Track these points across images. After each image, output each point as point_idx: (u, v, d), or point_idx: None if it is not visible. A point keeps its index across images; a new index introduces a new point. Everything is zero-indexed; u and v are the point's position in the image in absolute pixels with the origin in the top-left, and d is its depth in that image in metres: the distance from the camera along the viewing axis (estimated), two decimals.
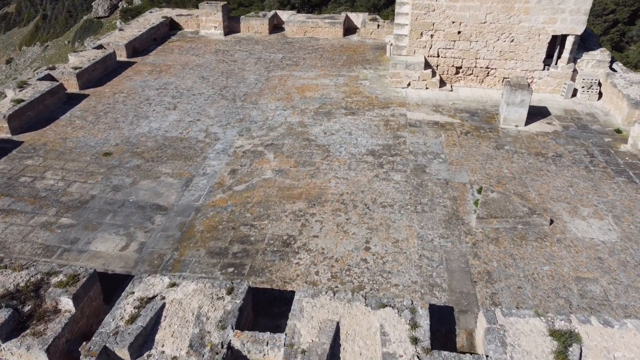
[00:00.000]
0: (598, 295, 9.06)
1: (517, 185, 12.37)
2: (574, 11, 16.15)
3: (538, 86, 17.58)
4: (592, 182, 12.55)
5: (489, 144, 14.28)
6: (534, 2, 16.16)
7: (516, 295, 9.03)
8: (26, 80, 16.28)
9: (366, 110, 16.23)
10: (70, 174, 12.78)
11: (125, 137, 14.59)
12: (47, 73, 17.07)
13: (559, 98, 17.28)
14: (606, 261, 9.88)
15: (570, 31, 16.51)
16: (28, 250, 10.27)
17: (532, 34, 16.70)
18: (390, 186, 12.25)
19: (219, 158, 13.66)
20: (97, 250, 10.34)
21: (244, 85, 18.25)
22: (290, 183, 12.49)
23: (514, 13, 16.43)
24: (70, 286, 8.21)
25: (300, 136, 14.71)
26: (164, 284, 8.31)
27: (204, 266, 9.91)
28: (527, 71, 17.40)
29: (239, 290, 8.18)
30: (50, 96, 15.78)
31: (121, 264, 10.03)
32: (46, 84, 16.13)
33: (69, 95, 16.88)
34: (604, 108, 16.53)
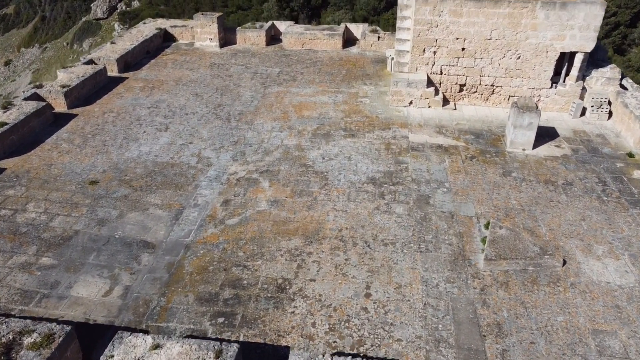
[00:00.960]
0: (618, 352, 8.37)
1: (526, 218, 11.68)
2: (583, 27, 15.44)
3: (545, 104, 16.88)
4: (605, 214, 11.86)
5: (496, 170, 13.58)
6: (541, 18, 15.45)
7: (529, 353, 8.34)
8: (11, 101, 15.57)
9: (366, 131, 15.53)
10: (53, 206, 12.08)
11: (114, 163, 13.89)
12: (34, 92, 16.36)
13: (567, 117, 16.58)
14: (624, 310, 9.20)
15: (579, 48, 15.81)
16: (4, 296, 9.58)
17: (539, 50, 15.99)
18: (392, 220, 11.55)
19: (212, 186, 12.96)
20: (79, 296, 9.64)
21: (239, 103, 17.54)
22: (286, 216, 11.79)
23: (520, 29, 15.72)
24: (45, 348, 7.53)
25: (297, 161, 14.01)
26: (146, 346, 7.61)
27: (193, 315, 9.22)
28: (533, 89, 16.69)
29: (228, 354, 7.49)
30: (35, 117, 15.08)
31: (104, 312, 9.33)
32: (32, 104, 15.42)
33: (56, 115, 16.17)
34: (614, 129, 15.83)
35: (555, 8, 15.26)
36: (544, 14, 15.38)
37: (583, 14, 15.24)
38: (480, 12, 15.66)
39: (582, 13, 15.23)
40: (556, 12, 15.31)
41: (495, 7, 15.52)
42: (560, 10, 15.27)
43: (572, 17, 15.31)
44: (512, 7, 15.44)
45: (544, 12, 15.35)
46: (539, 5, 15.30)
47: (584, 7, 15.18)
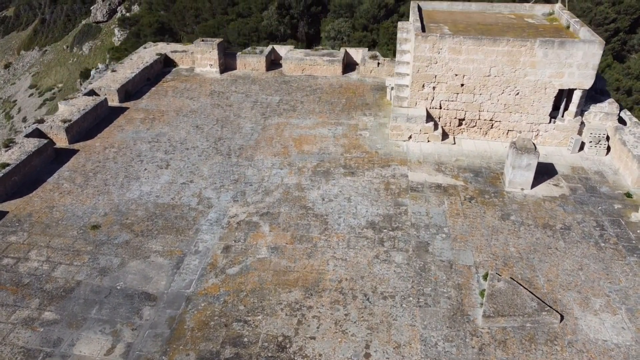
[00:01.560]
0: None
1: (524, 268, 11.78)
2: (581, 65, 15.53)
3: (544, 139, 16.98)
4: (603, 263, 11.96)
5: (494, 213, 13.68)
6: (540, 56, 15.54)
7: None
8: (12, 138, 15.65)
9: (366, 169, 15.63)
10: (55, 254, 12.18)
11: (115, 205, 13.99)
12: (36, 127, 16.46)
13: (566, 152, 16.68)
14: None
15: (577, 85, 15.90)
16: (7, 355, 9.68)
17: (538, 87, 16.08)
18: (391, 270, 11.65)
19: (212, 231, 13.06)
20: (81, 355, 9.74)
21: (240, 136, 17.64)
22: (286, 265, 11.89)
23: (519, 66, 15.81)
24: None
25: (297, 203, 14.11)
26: None
27: None
28: (532, 124, 16.79)
29: None
30: (37, 156, 15.19)
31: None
32: (33, 142, 15.52)
33: (58, 151, 16.27)
34: (612, 165, 15.93)
35: (553, 47, 15.36)
36: (542, 52, 15.47)
37: (581, 52, 15.33)
38: (479, 50, 15.75)
39: (581, 52, 15.32)
40: (555, 51, 15.40)
41: (494, 45, 15.60)
42: (559, 49, 15.36)
43: (570, 55, 15.41)
44: (510, 45, 15.53)
45: (543, 50, 15.45)
46: (538, 43, 15.38)
47: (582, 46, 15.27)
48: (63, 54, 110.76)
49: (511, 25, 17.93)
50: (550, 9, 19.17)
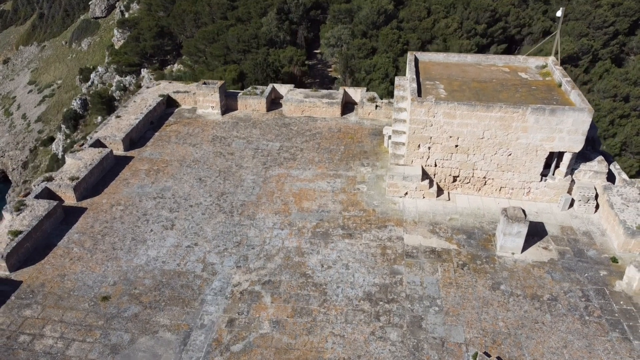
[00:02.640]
0: None
1: (511, 345, 12.48)
2: (571, 131, 16.12)
3: (535, 195, 17.61)
4: (586, 339, 12.66)
5: (485, 282, 14.35)
6: (531, 121, 16.12)
7: None
8: (23, 201, 16.26)
9: (363, 230, 16.27)
10: (69, 329, 12.86)
11: (123, 272, 14.64)
12: (45, 187, 17.06)
13: (556, 209, 17.32)
14: None
15: (567, 149, 16.51)
16: None
17: (529, 150, 16.69)
18: (386, 349, 12.34)
19: (217, 302, 13.74)
20: None
21: (241, 191, 18.26)
22: (287, 342, 12.58)
23: (511, 131, 16.40)
24: None
25: (297, 270, 14.77)
26: None
27: None
28: (524, 182, 17.41)
29: None
30: (47, 219, 15.81)
31: None
32: (43, 204, 16.14)
33: (66, 209, 16.88)
34: (600, 225, 16.57)
35: (544, 114, 15.93)
36: (534, 118, 16.05)
37: (571, 119, 15.91)
38: (472, 115, 16.32)
39: (571, 119, 15.91)
40: (546, 117, 15.99)
41: (487, 111, 16.18)
42: (550, 116, 15.94)
43: (560, 122, 15.99)
44: (503, 111, 16.10)
45: (534, 116, 16.03)
46: (529, 110, 15.96)
47: (572, 114, 15.85)
48: (62, 50, 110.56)
49: (505, 81, 18.46)
50: (543, 61, 19.69)
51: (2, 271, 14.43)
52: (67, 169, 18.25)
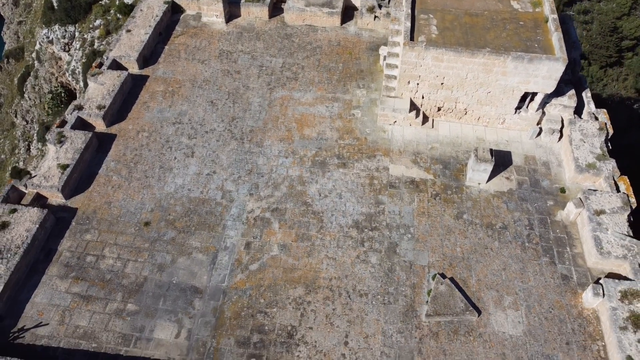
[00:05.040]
0: None
1: (463, 268, 16.32)
2: (546, 77, 17.86)
3: (509, 125, 19.98)
4: (522, 263, 16.45)
5: (452, 212, 17.69)
6: (511, 68, 17.77)
7: None
8: (62, 132, 18.76)
9: (355, 160, 19.09)
10: (123, 251, 16.62)
11: (157, 200, 17.93)
12: (77, 116, 19.40)
13: (525, 138, 19.84)
14: (507, 357, 14.53)
15: (541, 91, 18.42)
16: (112, 339, 14.85)
17: (507, 90, 18.59)
18: (367, 270, 16.23)
19: (236, 227, 17.29)
20: (159, 339, 14.91)
21: (249, 116, 20.58)
22: (292, 263, 16.43)
23: (492, 74, 18.13)
24: None
25: (299, 199, 18.02)
26: None
27: (235, 356, 14.60)
28: (500, 114, 19.63)
29: None
30: (86, 151, 18.57)
31: (178, 352, 14.70)
32: (80, 136, 18.72)
33: (99, 137, 19.47)
34: (559, 156, 19.29)
35: (523, 61, 17.51)
36: (513, 65, 17.67)
37: (547, 67, 17.55)
38: (458, 60, 17.89)
39: (546, 67, 17.54)
40: (524, 65, 17.60)
41: (472, 57, 17.71)
42: (528, 64, 17.55)
43: (537, 69, 17.65)
44: (486, 58, 17.65)
45: (514, 64, 17.63)
46: (510, 59, 17.51)
47: (548, 63, 17.44)
48: None
49: (496, 15, 19.36)
50: None
51: (60, 199, 17.73)
52: (91, 95, 20.32)
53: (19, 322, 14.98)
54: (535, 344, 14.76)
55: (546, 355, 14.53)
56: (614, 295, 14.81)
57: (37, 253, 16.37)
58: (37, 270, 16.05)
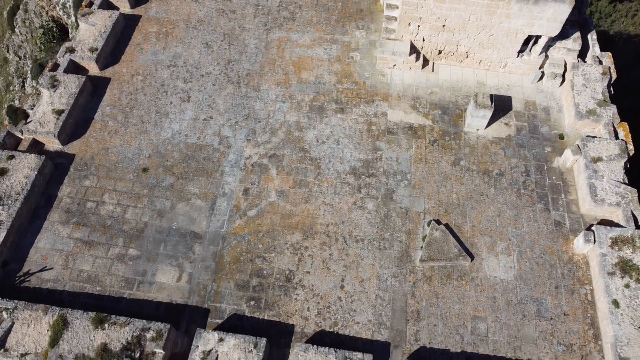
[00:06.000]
0: (482, 332, 14.58)
1: (458, 214, 16.56)
2: (550, 20, 17.27)
3: (510, 69, 19.56)
4: (516, 209, 16.68)
5: (449, 158, 17.70)
6: (515, 9, 17.14)
7: (431, 333, 14.54)
8: (55, 76, 18.38)
9: (354, 105, 18.85)
10: (122, 197, 16.79)
11: (155, 146, 17.88)
12: (70, 59, 18.94)
13: (527, 82, 19.49)
14: (497, 300, 15.07)
15: (545, 34, 17.86)
16: (115, 283, 15.34)
17: (510, 32, 18.03)
18: (364, 217, 16.47)
19: (233, 173, 17.37)
20: (161, 282, 15.40)
21: (246, 58, 20.09)
22: (290, 209, 16.65)
23: (495, 16, 17.51)
24: (159, 340, 13.68)
25: (297, 145, 17.96)
26: (215, 339, 13.74)
27: (235, 298, 15.14)
28: (502, 57, 19.16)
29: (261, 345, 13.67)
30: (80, 95, 18.29)
31: (180, 295, 15.24)
32: (74, 80, 18.37)
33: (92, 81, 19.11)
34: (560, 101, 19.03)
35: (528, 3, 16.87)
36: (518, 7, 17.03)
37: (552, 9, 16.93)
38: (461, 1, 17.22)
39: (552, 9, 16.92)
40: (529, 6, 16.96)
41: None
42: (533, 5, 16.91)
43: (542, 11, 17.03)
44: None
45: (518, 5, 16.99)
46: (515, 0, 16.85)
47: (554, 5, 16.80)
48: None
49: None
50: None
51: (57, 145, 17.68)
52: (83, 36, 19.73)
53: (24, 266, 15.40)
54: (525, 287, 15.26)
55: (535, 298, 15.08)
56: (605, 242, 15.14)
57: (38, 199, 16.56)
58: (38, 216, 16.30)
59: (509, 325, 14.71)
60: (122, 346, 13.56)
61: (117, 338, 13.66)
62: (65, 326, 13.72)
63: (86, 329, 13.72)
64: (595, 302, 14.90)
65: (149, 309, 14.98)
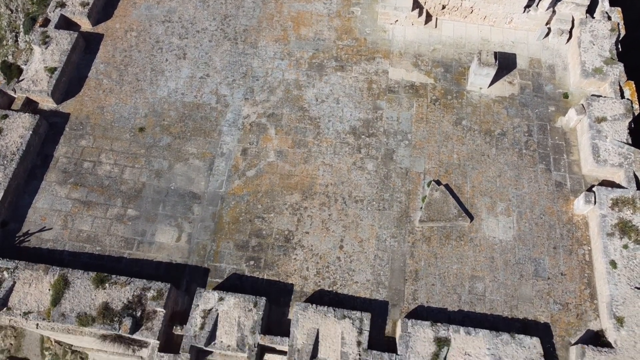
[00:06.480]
0: (480, 292, 14.71)
1: (459, 175, 16.42)
2: None
3: (516, 24, 18.95)
4: (517, 170, 16.52)
5: (451, 118, 17.39)
6: None
7: (429, 292, 14.68)
8: (46, 32, 17.80)
9: (354, 63, 18.36)
10: (119, 157, 16.59)
11: (151, 104, 17.53)
12: (61, 14, 18.30)
13: (532, 39, 18.92)
14: (495, 260, 15.14)
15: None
16: (115, 243, 15.37)
17: None
18: (363, 177, 16.33)
19: (232, 133, 17.11)
20: (161, 242, 15.43)
21: (243, 13, 19.42)
22: (289, 169, 16.49)
23: None
24: (159, 299, 13.83)
25: (295, 104, 17.61)
26: (215, 299, 13.88)
27: (234, 258, 15.21)
28: (508, 12, 18.52)
29: (261, 304, 13.82)
30: (73, 52, 17.78)
31: (179, 254, 15.30)
32: (65, 36, 17.80)
33: (85, 37, 18.53)
34: (565, 59, 18.53)
35: None
36: None
37: None
38: None
39: None
40: None
41: None
42: None
43: None
44: None
45: None
46: None
47: None
48: None
49: None
50: None
51: (51, 104, 17.33)
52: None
53: (23, 226, 15.39)
54: (523, 248, 15.31)
55: (533, 258, 15.15)
56: (605, 203, 15.07)
57: (34, 159, 16.37)
58: (35, 177, 16.16)
59: (507, 285, 14.84)
60: (123, 305, 13.71)
61: (118, 297, 13.79)
62: (66, 286, 13.83)
63: (87, 288, 13.84)
64: (593, 262, 14.98)
65: (149, 268, 15.08)
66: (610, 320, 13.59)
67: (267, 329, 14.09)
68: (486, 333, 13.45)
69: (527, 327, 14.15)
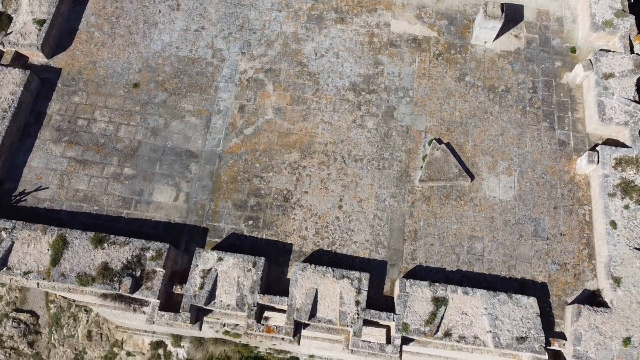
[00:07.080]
0: (478, 252, 14.75)
1: (460, 133, 16.10)
2: None
3: None
4: (520, 128, 16.18)
5: (454, 73, 16.86)
6: None
7: (428, 252, 14.72)
8: None
9: (354, 15, 17.61)
10: (114, 114, 16.21)
11: (144, 59, 16.95)
12: None
13: None
14: (495, 220, 15.09)
15: None
16: (112, 202, 15.27)
17: None
18: (363, 135, 16.02)
19: (228, 89, 16.65)
20: (159, 202, 15.33)
21: None
22: (287, 127, 16.16)
23: None
24: (159, 259, 13.88)
25: (294, 58, 17.03)
26: (214, 259, 13.93)
27: (233, 218, 15.16)
28: None
29: (260, 264, 13.88)
30: (62, 3, 17.00)
31: (178, 214, 15.24)
32: None
33: None
34: (575, 10, 17.76)
35: None
36: None
37: None
38: None
39: None
40: None
41: None
42: None
43: None
44: None
45: None
46: None
47: None
48: None
49: None
50: None
51: (41, 58, 16.76)
52: None
53: (19, 185, 15.24)
54: (523, 208, 15.23)
55: (533, 218, 15.09)
56: (608, 162, 14.85)
57: (27, 116, 16.00)
58: (29, 135, 15.85)
59: (505, 245, 14.86)
60: (122, 265, 13.77)
61: (118, 257, 13.83)
62: (65, 246, 13.83)
63: (86, 248, 13.85)
64: (593, 222, 14.93)
65: (147, 228, 15.05)
66: (608, 281, 13.68)
67: (267, 288, 14.23)
68: (483, 293, 13.58)
69: (524, 286, 14.28)
